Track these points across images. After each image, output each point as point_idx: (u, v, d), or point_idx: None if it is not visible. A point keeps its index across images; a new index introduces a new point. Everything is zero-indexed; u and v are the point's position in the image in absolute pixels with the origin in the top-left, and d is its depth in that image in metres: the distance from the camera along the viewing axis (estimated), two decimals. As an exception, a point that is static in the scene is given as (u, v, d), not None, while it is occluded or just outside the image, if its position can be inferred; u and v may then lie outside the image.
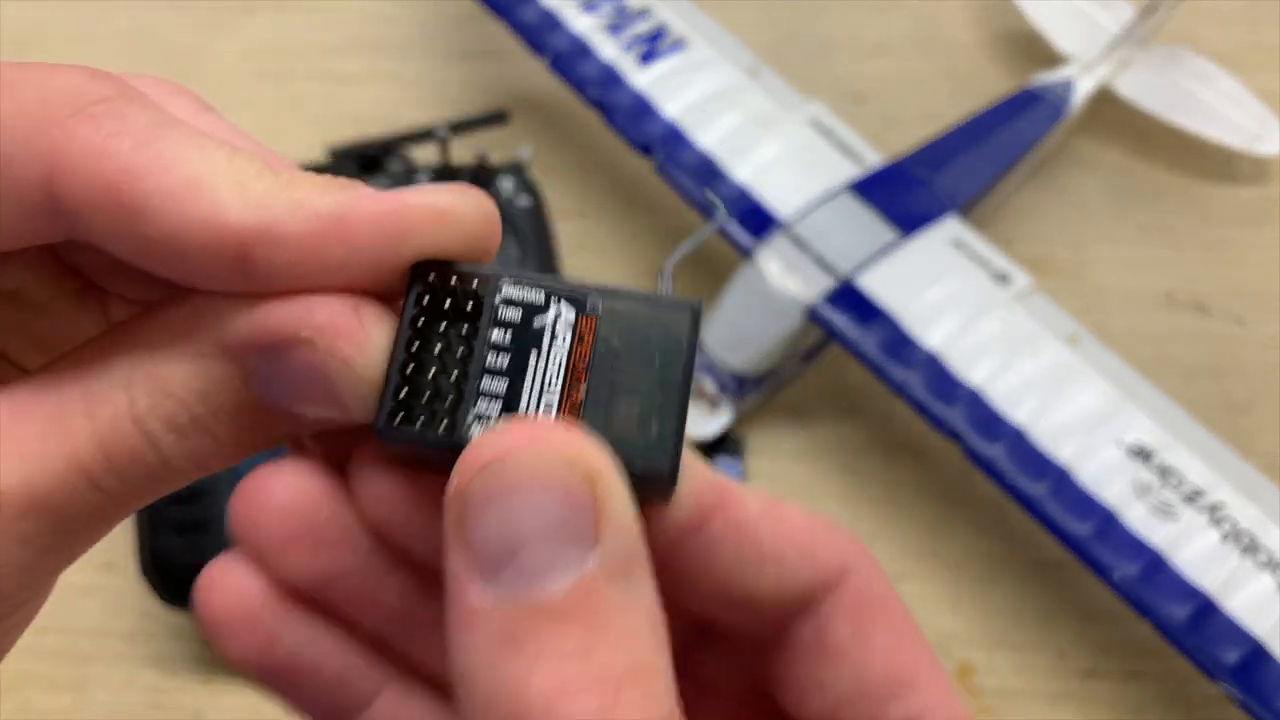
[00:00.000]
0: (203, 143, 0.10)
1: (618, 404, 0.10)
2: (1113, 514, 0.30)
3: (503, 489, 0.09)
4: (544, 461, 0.09)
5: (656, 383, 0.11)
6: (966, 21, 0.49)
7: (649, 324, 0.11)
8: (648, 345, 0.11)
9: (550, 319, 0.11)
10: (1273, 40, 0.48)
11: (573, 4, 0.40)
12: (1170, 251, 0.43)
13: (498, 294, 0.11)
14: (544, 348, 0.11)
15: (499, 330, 0.11)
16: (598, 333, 0.11)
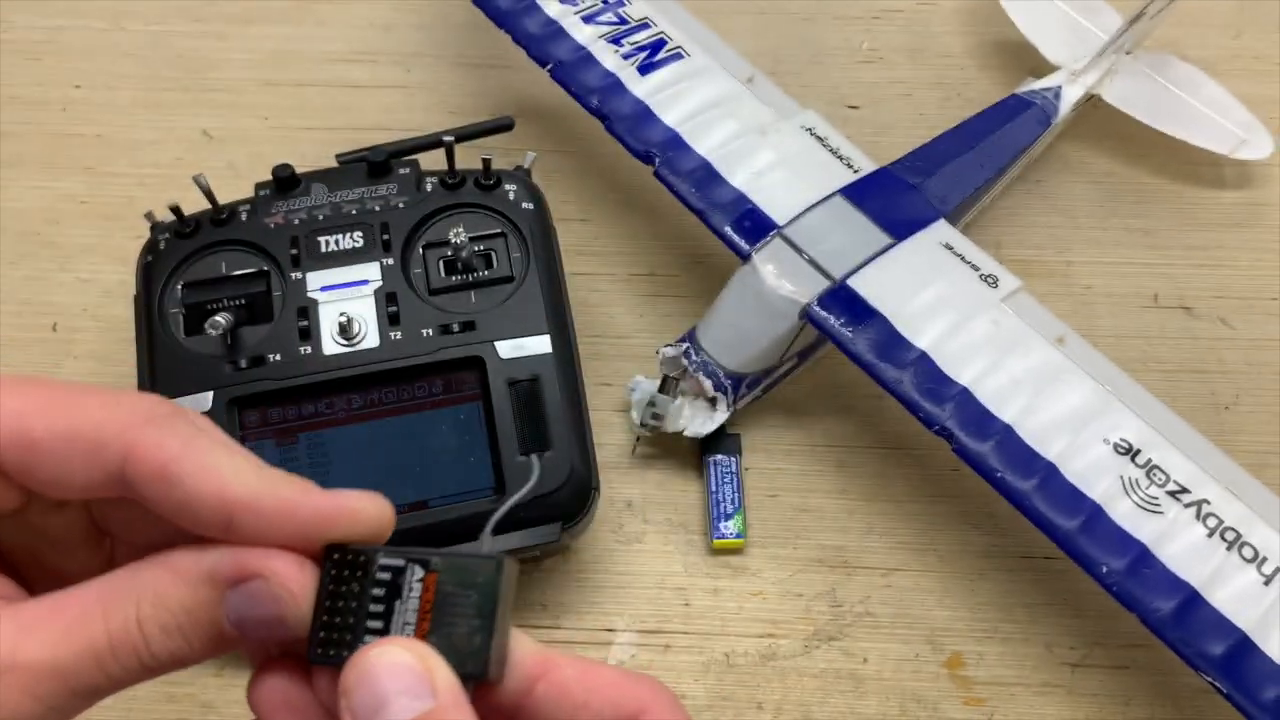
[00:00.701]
0: (221, 447, 0.16)
1: (454, 626, 0.16)
2: (1100, 509, 0.30)
3: (367, 678, 0.15)
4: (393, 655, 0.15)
5: (476, 612, 0.16)
6: (956, 30, 0.49)
7: (471, 573, 0.16)
8: (469, 587, 0.16)
9: (407, 577, 0.17)
10: (1257, 47, 0.49)
11: (574, 14, 0.41)
12: (1156, 254, 0.43)
13: (374, 564, 0.17)
14: (404, 596, 0.16)
15: (377, 588, 0.16)
16: (438, 583, 0.16)
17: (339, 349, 0.33)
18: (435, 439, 0.32)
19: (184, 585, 0.16)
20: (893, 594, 0.36)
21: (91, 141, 0.45)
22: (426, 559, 0.16)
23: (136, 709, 0.33)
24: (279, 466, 0.31)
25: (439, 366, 0.33)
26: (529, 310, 0.34)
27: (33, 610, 0.16)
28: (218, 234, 0.35)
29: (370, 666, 0.15)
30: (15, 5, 0.49)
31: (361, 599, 0.16)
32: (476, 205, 0.36)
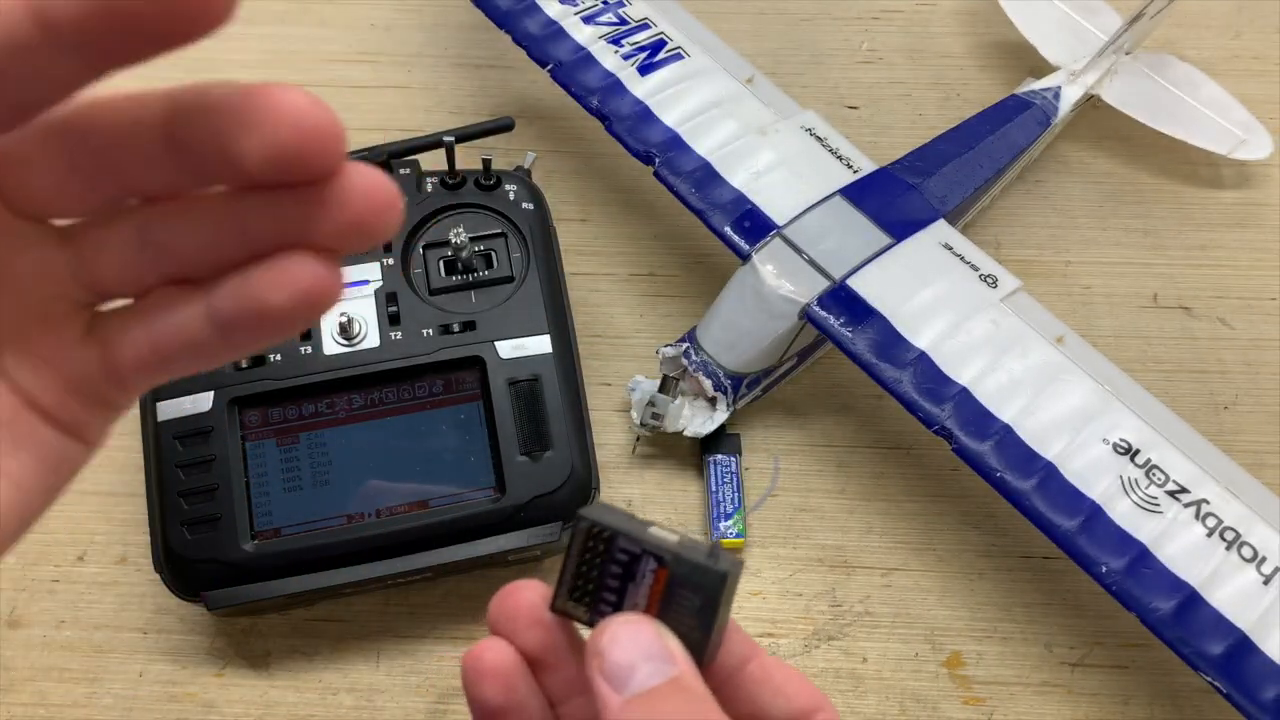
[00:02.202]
0: None
1: (678, 615, 0.18)
2: (1099, 509, 0.30)
3: (618, 642, 0.17)
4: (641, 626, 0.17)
5: (697, 613, 0.18)
6: (956, 31, 0.50)
7: (699, 577, 0.18)
8: (695, 590, 0.18)
9: (642, 566, 0.18)
10: (1257, 47, 0.49)
11: (574, 15, 0.41)
12: (1155, 254, 0.43)
13: (615, 545, 0.18)
14: (638, 581, 0.18)
15: (615, 566, 0.18)
16: (669, 579, 0.18)
17: (339, 349, 0.33)
18: (435, 439, 0.32)
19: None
20: (892, 593, 0.36)
21: (92, 142, 0.45)
22: (661, 554, 0.18)
23: (138, 709, 0.33)
24: (280, 466, 0.32)
25: (439, 366, 0.33)
26: (529, 310, 0.34)
27: None
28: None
29: (618, 631, 0.17)
30: (15, 5, 0.49)
31: (603, 571, 0.18)
32: (476, 205, 0.36)
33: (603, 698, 0.16)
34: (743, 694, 0.18)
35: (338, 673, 0.34)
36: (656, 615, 0.18)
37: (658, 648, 0.17)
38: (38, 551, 0.36)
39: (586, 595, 0.18)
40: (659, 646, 0.17)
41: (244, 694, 0.34)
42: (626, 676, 0.16)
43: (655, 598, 0.18)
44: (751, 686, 0.18)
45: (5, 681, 0.34)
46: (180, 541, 0.31)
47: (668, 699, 0.16)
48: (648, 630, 0.17)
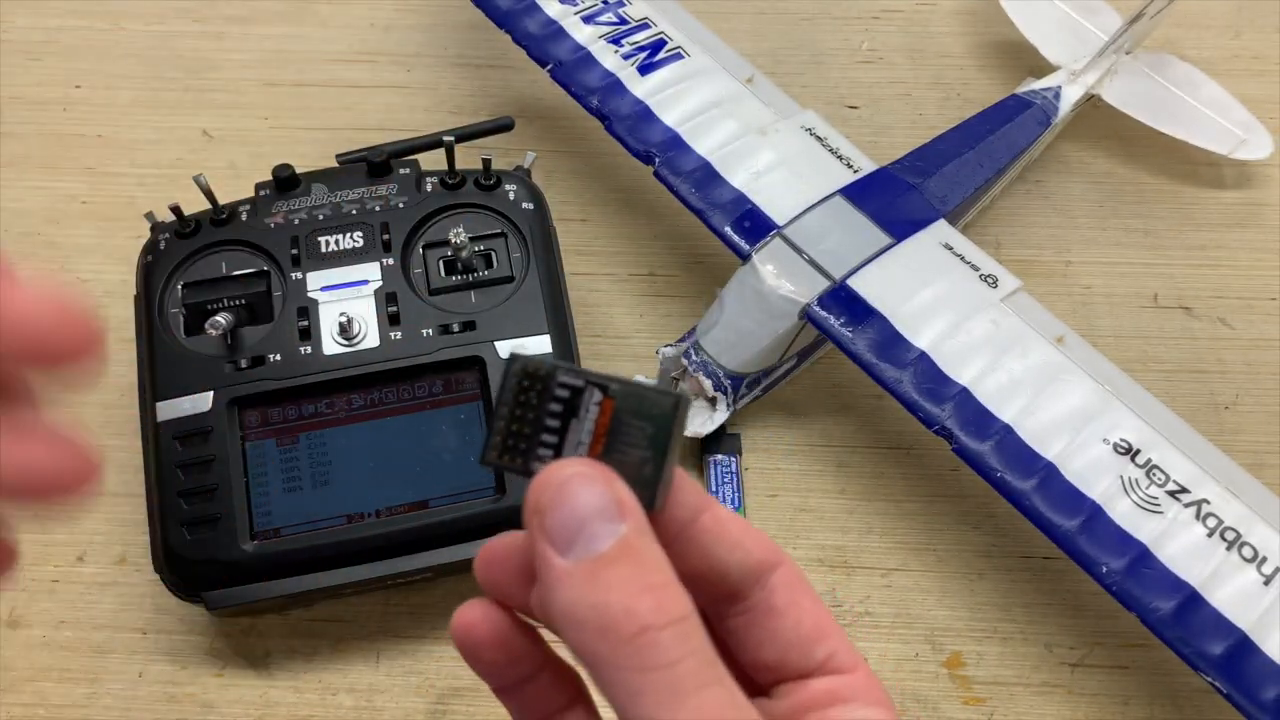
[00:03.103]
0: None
1: (625, 454, 0.16)
2: (1099, 509, 0.30)
3: (565, 496, 0.15)
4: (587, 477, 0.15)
5: (650, 442, 0.16)
6: (956, 31, 0.50)
7: (649, 405, 0.16)
8: (646, 418, 0.16)
9: (585, 399, 0.16)
10: (1257, 47, 0.49)
11: (574, 14, 0.41)
12: (1156, 254, 0.43)
13: (554, 380, 0.16)
14: (581, 416, 0.16)
15: (554, 404, 0.16)
16: (615, 409, 0.16)
17: (339, 349, 0.33)
18: (435, 439, 0.32)
19: None
20: (892, 594, 0.36)
21: (91, 141, 0.45)
22: (606, 384, 0.16)
23: (136, 709, 0.33)
24: (279, 466, 0.32)
25: (439, 366, 0.33)
26: (529, 310, 0.34)
27: None
28: (218, 234, 0.35)
29: (565, 483, 0.15)
30: (15, 5, 0.49)
31: (540, 410, 0.16)
32: (476, 205, 0.36)
33: (545, 561, 0.15)
34: (696, 548, 0.17)
35: (338, 673, 0.34)
36: (601, 455, 0.16)
37: (606, 501, 0.15)
38: (37, 552, 0.36)
39: (522, 442, 0.16)
40: (608, 499, 0.15)
41: (244, 694, 0.34)
42: (572, 538, 0.15)
43: (600, 434, 0.16)
44: (705, 539, 0.17)
45: (5, 681, 0.34)
46: (180, 542, 0.31)
47: (613, 567, 0.15)
48: (597, 480, 0.15)
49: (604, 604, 0.14)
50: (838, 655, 0.17)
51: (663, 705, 0.14)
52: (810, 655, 0.17)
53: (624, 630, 0.14)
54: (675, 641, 0.14)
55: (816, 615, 0.18)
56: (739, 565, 0.17)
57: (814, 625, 0.17)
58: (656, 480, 0.16)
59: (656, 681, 0.14)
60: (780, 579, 0.17)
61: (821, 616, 0.18)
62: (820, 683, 0.17)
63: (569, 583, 0.15)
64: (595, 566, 0.15)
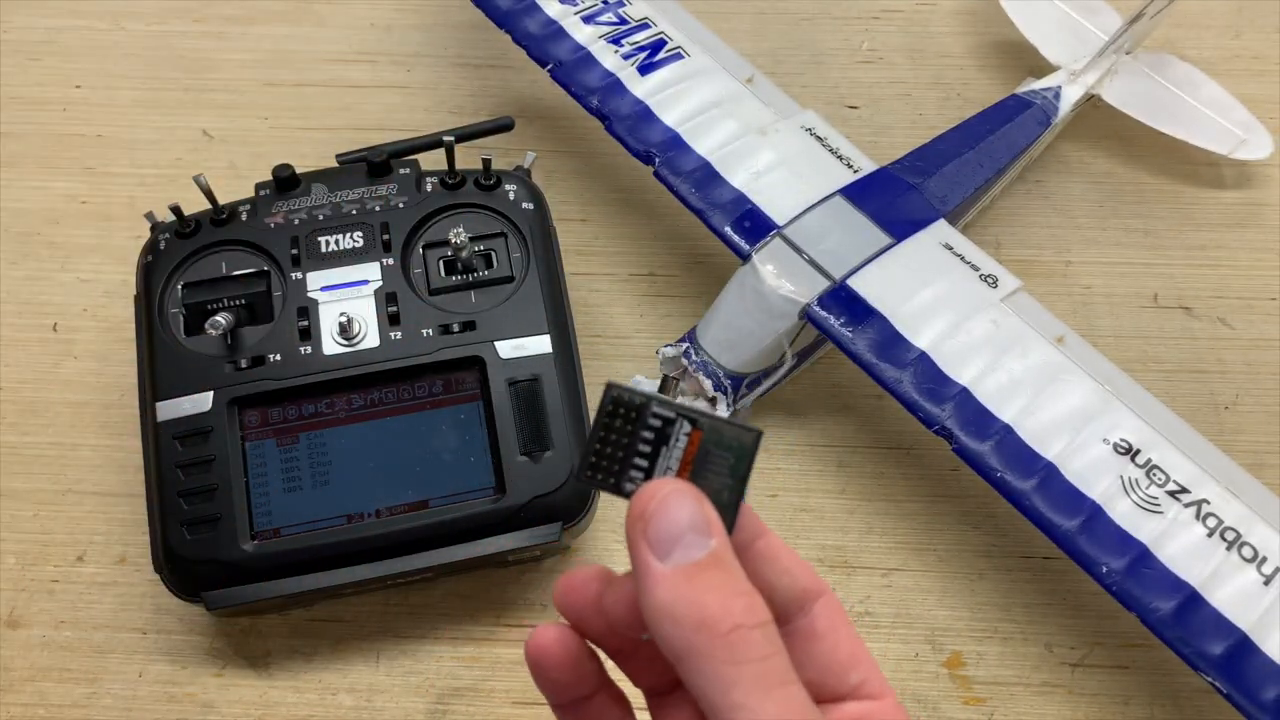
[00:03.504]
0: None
1: (708, 480, 0.18)
2: (1099, 509, 0.30)
3: (665, 508, 0.17)
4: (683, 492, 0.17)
5: (730, 471, 0.18)
6: (956, 31, 0.50)
7: (731, 438, 0.18)
8: (728, 449, 0.18)
9: (676, 429, 0.18)
10: (1257, 47, 0.49)
11: (574, 14, 0.41)
12: (1156, 254, 0.43)
13: (648, 410, 0.18)
14: (671, 445, 0.18)
15: (647, 431, 0.18)
16: (703, 440, 0.18)
17: (339, 349, 0.33)
18: (435, 439, 0.32)
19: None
20: (893, 594, 0.36)
21: (91, 141, 0.45)
22: (695, 417, 0.18)
23: (136, 709, 0.33)
24: (279, 466, 0.32)
25: (439, 366, 0.33)
26: (529, 310, 0.34)
27: None
28: (218, 234, 0.35)
29: (667, 497, 0.17)
30: (15, 5, 0.49)
31: (633, 437, 0.18)
32: (476, 205, 0.36)
33: (645, 564, 0.17)
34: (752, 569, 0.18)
35: (337, 673, 0.34)
36: (689, 479, 0.18)
37: (700, 518, 0.17)
38: (37, 552, 0.36)
39: (616, 464, 0.18)
40: (701, 516, 0.17)
41: (244, 694, 0.34)
42: (670, 546, 0.17)
43: (687, 461, 0.18)
44: (760, 563, 0.19)
45: (5, 681, 0.34)
46: (180, 542, 0.31)
47: (707, 572, 0.17)
48: (691, 498, 0.17)
49: (701, 602, 0.16)
50: (870, 683, 0.19)
51: (752, 694, 0.16)
52: (844, 680, 0.19)
53: (720, 626, 0.16)
54: (764, 641, 0.16)
55: (853, 644, 0.19)
56: (786, 589, 0.19)
57: (850, 653, 0.19)
58: (735, 506, 0.18)
59: (748, 673, 0.16)
60: (823, 607, 0.19)
61: (857, 645, 0.19)
62: (851, 707, 0.19)
63: (668, 584, 0.17)
64: (692, 571, 0.17)
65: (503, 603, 0.35)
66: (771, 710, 0.16)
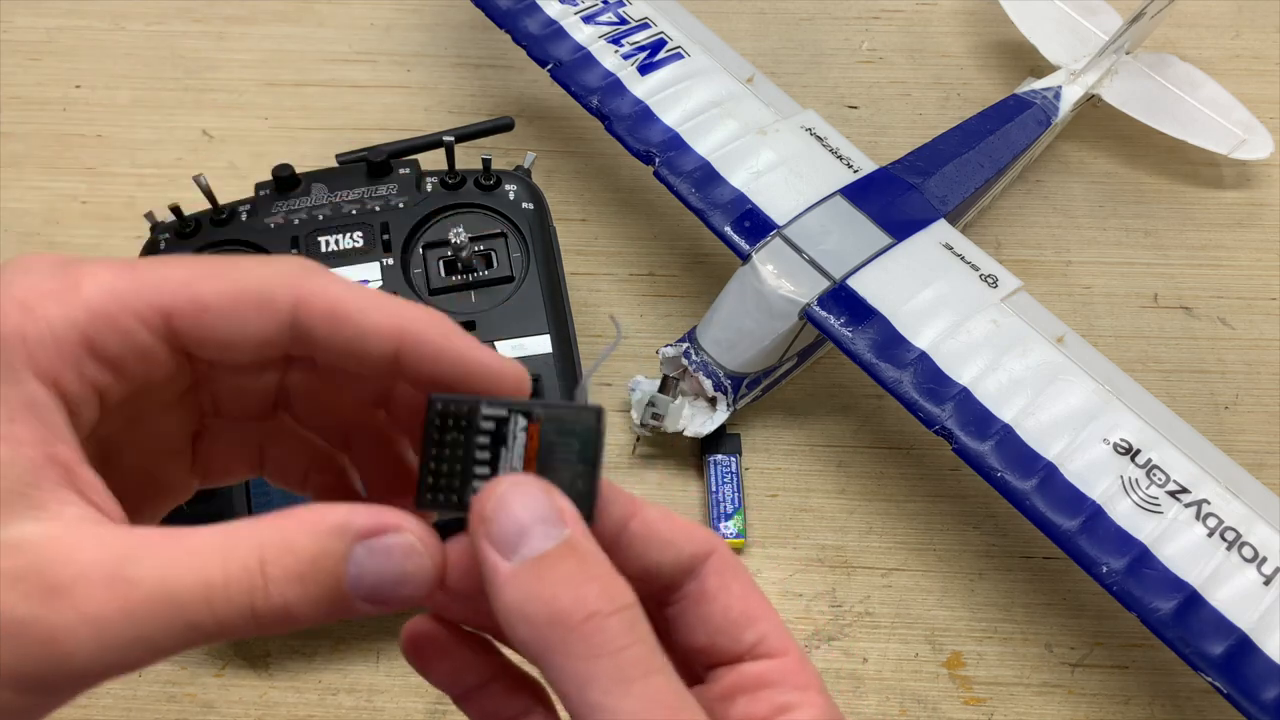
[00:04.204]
0: (376, 290, 0.17)
1: (557, 471, 0.17)
2: (1100, 509, 0.30)
3: (506, 505, 0.16)
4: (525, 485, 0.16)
5: (578, 457, 0.17)
6: (956, 31, 0.50)
7: (571, 423, 0.17)
8: (571, 435, 0.17)
9: (512, 426, 0.17)
10: (1257, 47, 0.49)
11: (574, 14, 0.41)
12: (1156, 254, 0.43)
13: (478, 413, 0.17)
14: (509, 444, 0.17)
15: (482, 436, 0.17)
16: (542, 431, 0.17)
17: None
18: (435, 439, 0.32)
19: (311, 534, 0.15)
20: (892, 594, 0.36)
21: (91, 141, 0.45)
22: (530, 409, 0.17)
23: (136, 709, 0.33)
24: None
25: (439, 366, 0.33)
26: (529, 310, 0.34)
27: (146, 534, 0.15)
28: (218, 234, 0.35)
29: (505, 494, 0.16)
30: (15, 5, 0.49)
31: (468, 446, 0.17)
32: (476, 205, 0.36)
33: (491, 565, 0.15)
34: (631, 553, 0.17)
35: (337, 673, 0.34)
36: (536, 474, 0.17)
37: (547, 508, 0.16)
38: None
39: (456, 479, 0.17)
40: (548, 506, 0.16)
41: (244, 694, 0.34)
42: (515, 542, 0.15)
43: (531, 457, 0.17)
44: (638, 545, 0.18)
45: (5, 682, 0.34)
46: (180, 542, 0.31)
47: (560, 563, 0.15)
48: (535, 489, 0.16)
49: (552, 596, 0.15)
50: (768, 639, 0.18)
51: (610, 692, 0.15)
52: (739, 639, 0.18)
53: (573, 618, 0.15)
54: (622, 628, 0.15)
55: (746, 600, 0.18)
56: (671, 563, 0.18)
57: (743, 610, 0.18)
58: (592, 492, 0.17)
59: (604, 668, 0.15)
60: (711, 567, 0.18)
61: (752, 601, 0.18)
62: (750, 667, 0.18)
63: (515, 583, 0.15)
64: (540, 565, 0.15)
65: (503, 603, 0.35)
66: (630, 707, 0.14)
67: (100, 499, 0.15)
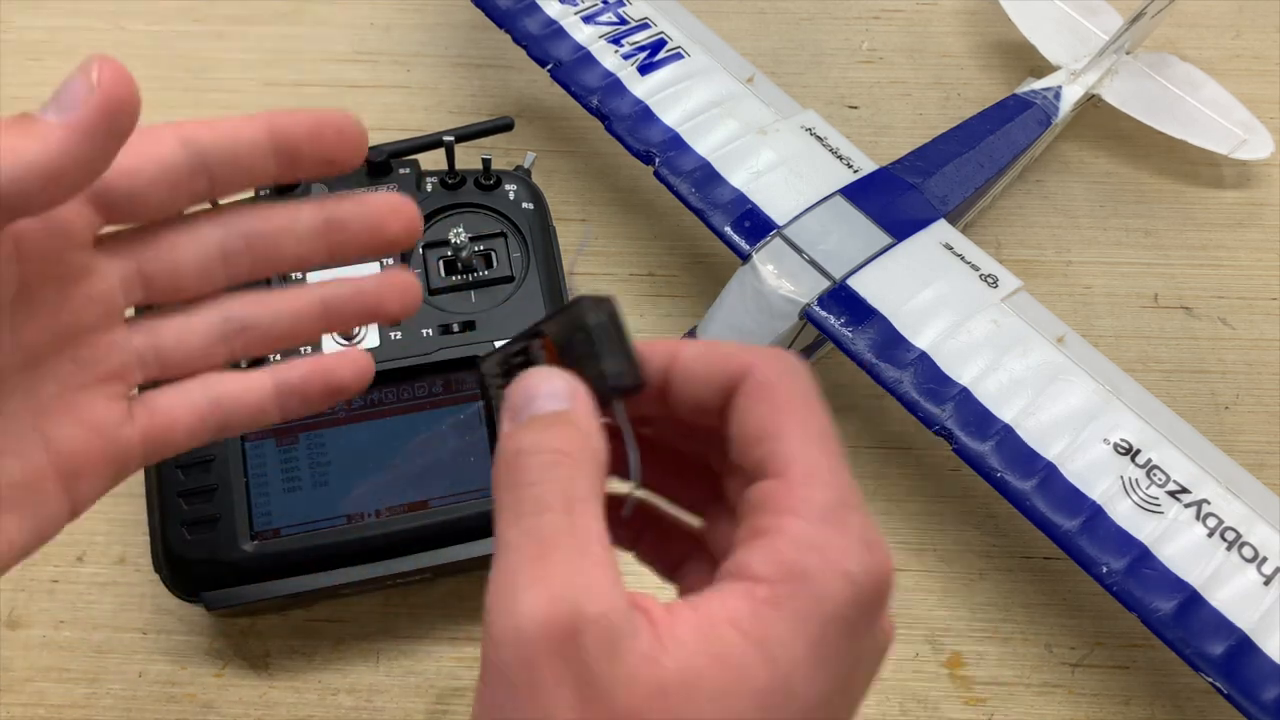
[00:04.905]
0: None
1: (584, 365, 0.18)
2: (1100, 509, 0.30)
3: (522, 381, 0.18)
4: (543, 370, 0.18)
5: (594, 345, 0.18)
6: (956, 30, 0.50)
7: (575, 317, 0.18)
8: (579, 331, 0.18)
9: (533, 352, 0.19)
10: (1257, 47, 0.49)
11: (574, 14, 0.41)
12: (1156, 254, 0.43)
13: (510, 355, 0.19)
14: (534, 361, 0.19)
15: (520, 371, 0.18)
16: (554, 342, 0.19)
17: (339, 349, 0.33)
18: (435, 439, 0.32)
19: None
20: (893, 594, 0.36)
21: (91, 141, 0.45)
22: (538, 330, 0.19)
23: (136, 709, 0.33)
24: (279, 466, 0.32)
25: (439, 366, 0.33)
26: (529, 310, 0.34)
27: None
28: (218, 234, 0.35)
29: (527, 376, 0.18)
30: (15, 5, 0.49)
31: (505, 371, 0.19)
32: (476, 205, 0.36)
33: (502, 431, 0.17)
34: (683, 400, 0.18)
35: (337, 673, 0.34)
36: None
37: (558, 385, 0.17)
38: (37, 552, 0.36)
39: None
40: (559, 384, 0.17)
41: (243, 694, 0.34)
42: (523, 407, 0.17)
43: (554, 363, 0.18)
44: (680, 385, 0.18)
45: (5, 682, 0.34)
46: (180, 542, 0.31)
47: (552, 426, 0.17)
48: (550, 372, 0.18)
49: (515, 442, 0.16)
50: (774, 457, 0.17)
51: (501, 520, 0.16)
52: (749, 456, 0.17)
53: (506, 453, 0.16)
54: (538, 468, 0.16)
55: (765, 418, 0.17)
56: (714, 393, 0.18)
57: (757, 427, 0.17)
58: (623, 367, 0.18)
59: (508, 499, 0.16)
60: (743, 388, 0.18)
61: (771, 419, 0.17)
62: (754, 488, 0.17)
63: (513, 437, 0.17)
64: (535, 424, 0.17)
65: (503, 603, 0.35)
66: (509, 537, 0.15)
67: None
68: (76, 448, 0.19)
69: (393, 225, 0.20)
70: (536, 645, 0.14)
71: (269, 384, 0.21)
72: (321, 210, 0.20)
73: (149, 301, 0.20)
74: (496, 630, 0.15)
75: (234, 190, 0.20)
